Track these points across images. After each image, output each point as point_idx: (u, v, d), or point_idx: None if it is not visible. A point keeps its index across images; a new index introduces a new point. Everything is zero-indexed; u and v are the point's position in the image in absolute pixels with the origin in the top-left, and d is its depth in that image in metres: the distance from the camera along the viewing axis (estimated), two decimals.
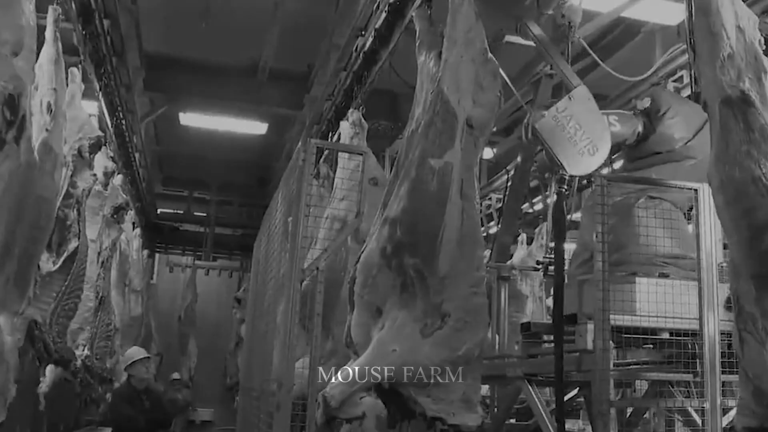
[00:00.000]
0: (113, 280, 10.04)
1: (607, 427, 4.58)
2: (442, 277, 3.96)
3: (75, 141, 6.50)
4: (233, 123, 14.52)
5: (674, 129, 5.85)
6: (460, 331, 3.96)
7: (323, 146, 4.71)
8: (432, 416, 3.89)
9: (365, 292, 4.13)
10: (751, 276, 3.80)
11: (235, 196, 19.72)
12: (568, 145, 4.65)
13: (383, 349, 3.92)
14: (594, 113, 4.86)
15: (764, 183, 3.77)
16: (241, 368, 9.89)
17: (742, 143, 3.87)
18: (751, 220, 3.79)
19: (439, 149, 4.16)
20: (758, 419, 3.81)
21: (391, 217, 4.09)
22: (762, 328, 3.74)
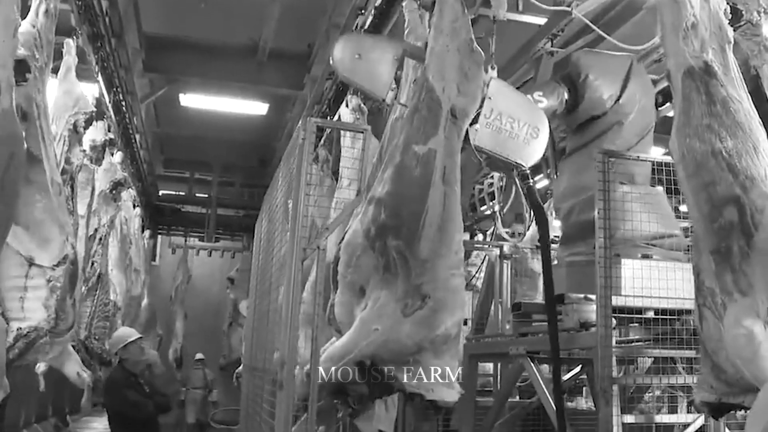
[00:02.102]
0: (114, 259, 9.91)
1: (609, 403, 4.59)
2: (423, 259, 4.07)
3: (70, 116, 6.30)
4: (234, 103, 14.48)
5: (601, 89, 5.92)
6: (438, 312, 4.06)
7: (323, 125, 4.70)
8: (411, 392, 4.03)
9: (349, 272, 4.23)
10: (710, 251, 3.79)
11: (236, 176, 19.69)
12: (512, 142, 4.66)
13: (366, 328, 4.03)
14: (518, 98, 4.85)
15: (724, 157, 3.74)
16: (245, 348, 9.88)
17: (703, 116, 3.85)
18: (710, 194, 3.77)
19: (424, 136, 4.25)
20: (716, 394, 3.83)
21: (375, 200, 4.17)
22: (720, 303, 3.73)
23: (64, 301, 4.74)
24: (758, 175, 3.69)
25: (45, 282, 4.62)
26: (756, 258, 3.61)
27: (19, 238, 4.54)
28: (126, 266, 10.82)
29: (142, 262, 13.80)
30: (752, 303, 3.60)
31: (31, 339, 4.51)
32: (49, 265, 4.66)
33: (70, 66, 6.69)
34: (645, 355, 5.33)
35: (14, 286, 4.52)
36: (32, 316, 4.54)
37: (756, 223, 3.62)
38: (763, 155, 3.75)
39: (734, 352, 3.61)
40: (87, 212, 8.41)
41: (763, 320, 3.56)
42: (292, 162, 4.87)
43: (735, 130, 3.77)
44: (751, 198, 3.65)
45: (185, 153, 18.60)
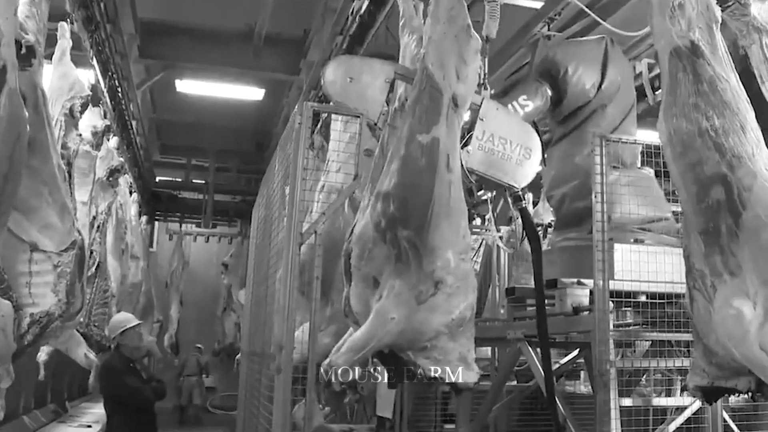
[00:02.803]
0: (109, 246, 9.88)
1: (607, 387, 4.60)
2: (433, 246, 4.10)
3: (66, 100, 6.17)
4: (230, 89, 14.46)
5: (583, 80, 5.95)
6: (452, 296, 4.12)
7: (320, 109, 4.69)
8: (432, 376, 4.08)
9: (362, 264, 4.25)
10: (698, 232, 3.77)
11: (233, 162, 19.69)
12: (504, 164, 4.67)
13: (383, 317, 4.06)
14: (509, 118, 4.86)
15: (711, 136, 3.71)
16: (243, 333, 9.90)
17: (690, 95, 3.82)
18: (697, 174, 3.75)
19: (426, 125, 4.26)
20: (709, 378, 3.82)
21: (383, 193, 4.20)
22: (710, 284, 3.71)
23: (73, 286, 4.75)
24: (745, 154, 3.66)
25: (52, 267, 4.62)
26: (744, 237, 3.59)
27: (20, 225, 4.52)
28: (121, 252, 10.77)
29: (141, 248, 13.76)
30: (741, 283, 3.58)
31: (43, 324, 4.52)
32: (56, 250, 4.65)
33: (65, 50, 6.59)
34: (642, 338, 5.33)
35: (19, 272, 4.50)
36: (41, 302, 4.53)
37: (743, 201, 3.60)
38: (750, 134, 3.72)
39: (724, 334, 3.61)
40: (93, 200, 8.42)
41: (752, 300, 3.54)
42: (288, 147, 4.86)
43: (722, 109, 3.74)
44: (738, 176, 3.62)
45: (182, 139, 18.58)
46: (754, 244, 3.57)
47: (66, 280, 4.65)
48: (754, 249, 3.57)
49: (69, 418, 10.51)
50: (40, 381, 9.44)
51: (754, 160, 3.66)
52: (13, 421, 8.23)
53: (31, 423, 8.78)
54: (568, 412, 5.12)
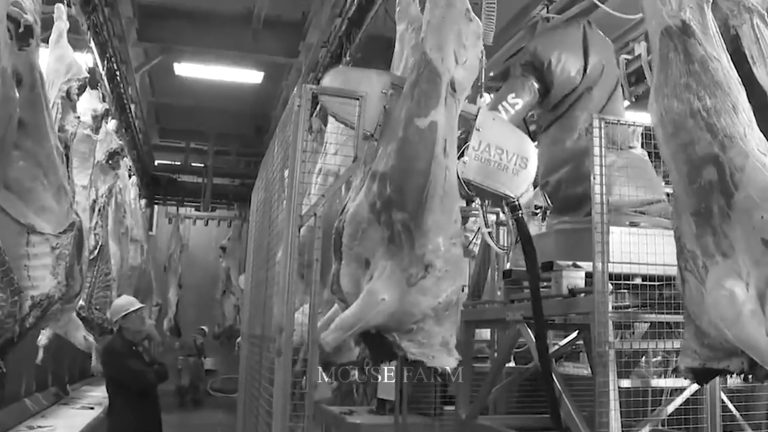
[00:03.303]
0: (110, 229, 9.88)
1: (606, 368, 4.62)
2: (426, 230, 4.13)
3: (63, 83, 6.14)
4: (229, 72, 14.44)
5: (568, 68, 5.96)
6: (441, 280, 4.15)
7: (319, 91, 4.67)
8: (413, 360, 4.15)
9: (354, 244, 4.27)
10: (690, 213, 3.76)
11: (232, 145, 19.68)
12: (500, 174, 4.67)
13: (373, 298, 4.10)
14: (505, 127, 4.85)
15: (703, 116, 3.69)
16: (243, 316, 9.92)
17: (681, 75, 3.80)
18: (688, 155, 3.73)
19: (425, 109, 4.27)
20: (700, 359, 3.81)
21: (380, 174, 4.21)
22: (702, 266, 3.70)
23: (72, 268, 4.74)
24: (737, 134, 3.64)
25: (50, 250, 4.60)
26: (736, 218, 3.57)
27: (16, 207, 4.49)
28: (121, 235, 10.77)
29: (140, 231, 13.75)
30: (733, 264, 3.57)
31: (44, 307, 4.51)
32: (53, 232, 4.62)
33: (62, 31, 6.55)
34: (641, 320, 5.35)
35: (17, 255, 4.46)
36: (40, 284, 4.51)
37: (735, 182, 3.58)
38: (742, 114, 3.70)
39: (716, 315, 3.60)
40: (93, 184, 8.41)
41: (744, 281, 3.54)
42: (288, 129, 4.86)
43: (713, 89, 3.72)
44: (730, 157, 3.60)
45: (181, 122, 18.56)
46: (746, 225, 3.55)
47: (65, 262, 4.64)
48: (747, 230, 3.55)
49: (71, 401, 10.55)
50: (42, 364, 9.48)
51: (746, 140, 3.64)
52: (15, 404, 8.27)
53: (32, 406, 8.82)
54: (567, 393, 5.13)
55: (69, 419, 8.88)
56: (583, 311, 5.12)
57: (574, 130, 5.96)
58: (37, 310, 4.49)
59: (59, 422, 8.52)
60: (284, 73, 14.40)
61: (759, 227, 3.53)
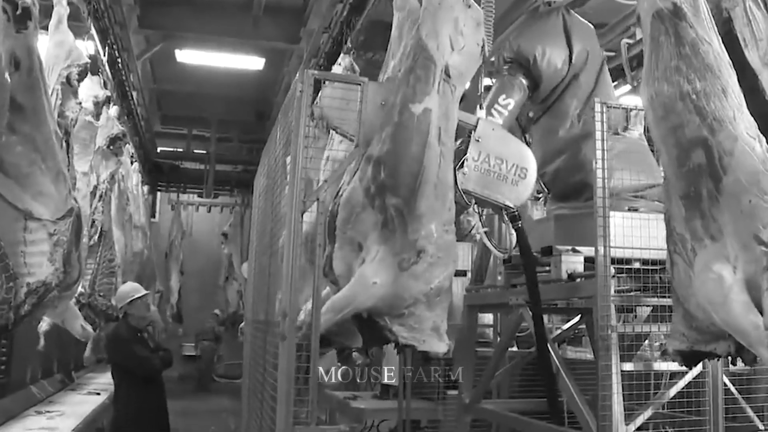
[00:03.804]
0: (113, 216, 9.86)
1: (609, 351, 4.63)
2: (419, 215, 4.16)
3: (63, 68, 6.02)
4: (230, 58, 14.43)
5: (554, 61, 5.95)
6: (433, 266, 4.18)
7: (320, 77, 4.67)
8: (404, 344, 4.20)
9: (348, 228, 4.32)
10: (680, 196, 3.77)
11: (234, 132, 19.68)
12: (500, 184, 4.67)
13: (365, 281, 4.14)
14: (504, 138, 4.84)
15: (692, 99, 3.69)
16: (246, 302, 9.95)
17: (671, 58, 3.80)
18: (678, 138, 3.74)
19: (419, 95, 4.28)
20: (688, 342, 3.84)
21: (374, 158, 4.24)
22: (691, 249, 3.72)
23: (70, 255, 4.67)
24: (726, 117, 3.64)
25: (47, 236, 4.52)
26: (725, 202, 3.59)
27: (13, 193, 4.43)
28: (125, 222, 10.76)
29: (143, 218, 13.73)
30: (722, 248, 3.59)
31: (41, 294, 4.43)
32: (51, 218, 4.55)
33: (61, 16, 6.47)
34: (643, 304, 5.36)
35: (13, 241, 4.39)
36: (36, 271, 4.43)
37: (724, 166, 3.58)
38: (732, 97, 3.70)
39: (704, 298, 3.62)
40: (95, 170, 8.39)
41: (732, 265, 3.56)
42: (290, 115, 4.86)
43: (704, 72, 3.72)
44: (719, 140, 3.61)
45: (183, 109, 18.56)
46: (735, 209, 3.57)
47: (63, 248, 4.57)
48: (735, 213, 3.56)
49: (77, 387, 10.61)
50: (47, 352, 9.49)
51: (735, 123, 3.64)
52: (21, 391, 8.31)
53: (38, 392, 8.87)
54: (569, 377, 5.15)
55: (76, 404, 8.94)
56: (585, 295, 5.13)
57: (566, 119, 5.98)
58: (33, 297, 4.42)
59: (67, 407, 8.57)
60: (285, 60, 14.38)
61: (747, 211, 3.54)
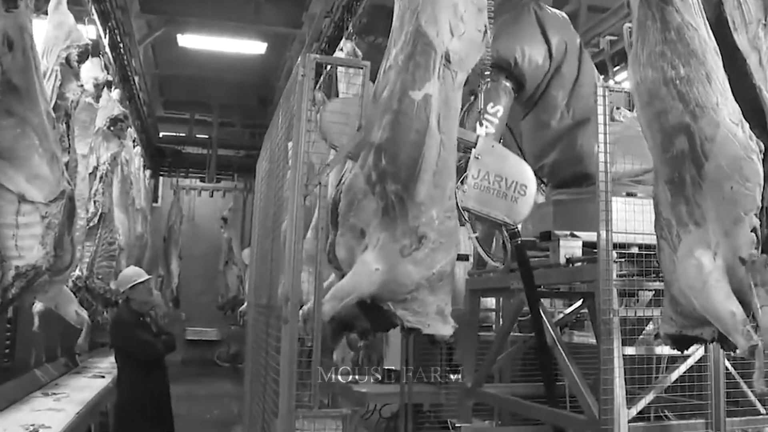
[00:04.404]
0: (116, 199, 9.77)
1: (611, 335, 4.64)
2: (420, 202, 4.17)
3: (62, 50, 5.98)
4: (232, 43, 14.40)
5: (534, 59, 5.97)
6: (435, 251, 4.19)
7: (322, 61, 4.67)
8: (409, 327, 4.22)
9: (350, 215, 4.31)
10: (665, 181, 3.78)
11: (236, 117, 19.68)
12: (500, 201, 4.66)
13: (367, 268, 4.16)
14: (504, 155, 4.83)
15: (676, 85, 3.69)
16: (249, 286, 9.96)
17: (657, 43, 3.79)
18: (662, 124, 3.74)
19: (419, 81, 4.27)
20: (676, 326, 3.86)
21: (375, 146, 4.24)
22: (676, 234, 3.74)
23: (61, 238, 4.60)
24: (709, 104, 3.64)
25: (39, 219, 4.47)
26: (707, 188, 3.60)
27: (7, 175, 4.40)
28: (128, 206, 10.71)
29: (144, 202, 13.69)
30: (705, 234, 3.61)
31: (29, 278, 4.39)
32: (44, 201, 4.50)
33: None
34: (645, 288, 5.37)
35: (5, 223, 4.37)
36: (27, 255, 4.40)
37: (706, 152, 3.60)
38: (716, 84, 3.69)
39: (685, 284, 3.65)
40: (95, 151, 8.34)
41: (713, 251, 3.58)
42: (292, 100, 4.86)
43: (688, 58, 3.71)
44: (701, 126, 3.61)
45: (185, 94, 18.55)
46: (717, 195, 3.58)
47: (54, 231, 4.51)
48: (717, 200, 3.58)
49: (82, 370, 10.65)
50: (50, 336, 9.52)
51: (718, 110, 3.64)
52: (25, 375, 8.34)
53: (43, 376, 8.89)
54: (571, 361, 5.17)
55: (82, 386, 8.96)
56: (587, 279, 5.14)
57: (555, 111, 6.02)
58: (22, 280, 4.38)
59: (72, 390, 8.61)
60: (287, 44, 14.35)
61: (729, 198, 3.56)
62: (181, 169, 19.32)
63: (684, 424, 5.11)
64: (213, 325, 20.21)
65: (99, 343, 12.13)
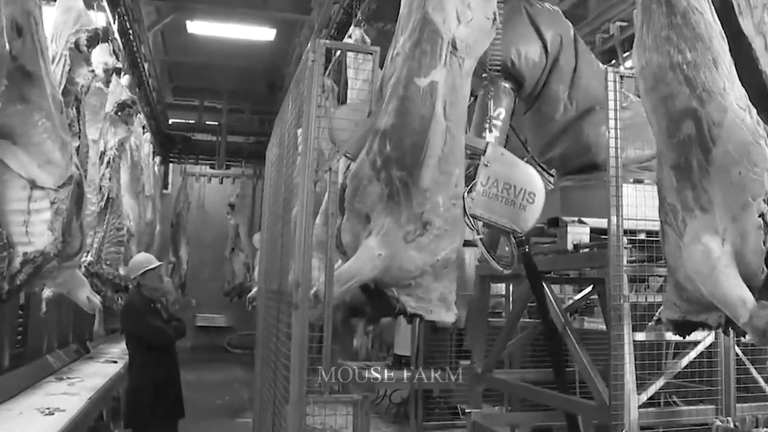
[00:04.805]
0: (125, 185, 9.78)
1: (621, 321, 4.64)
2: (425, 189, 4.19)
3: (71, 34, 5.95)
4: (241, 30, 14.39)
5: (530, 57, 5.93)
6: (439, 238, 4.22)
7: (332, 46, 4.66)
8: (412, 313, 4.26)
9: (355, 200, 4.34)
10: (671, 166, 3.74)
11: (246, 103, 19.67)
12: (508, 209, 4.62)
13: (370, 253, 4.18)
14: (513, 163, 4.82)
15: (682, 69, 3.65)
16: (259, 272, 9.97)
17: (662, 27, 3.74)
18: (668, 108, 3.70)
19: (426, 69, 4.26)
20: (680, 312, 3.85)
21: (380, 132, 4.24)
22: (681, 219, 3.71)
23: (70, 224, 4.57)
24: (717, 88, 3.60)
25: (49, 204, 4.44)
26: (715, 173, 3.57)
27: (19, 160, 4.37)
28: (138, 192, 10.69)
29: (154, 188, 13.66)
30: (711, 219, 3.58)
31: (38, 264, 4.36)
32: (53, 186, 4.47)
33: None
34: (655, 274, 5.36)
35: (17, 209, 4.35)
36: (37, 241, 4.37)
37: (714, 137, 3.56)
38: (722, 68, 3.65)
39: (692, 269, 3.62)
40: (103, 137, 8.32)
41: (721, 237, 3.55)
42: (302, 85, 4.85)
43: (694, 42, 3.67)
44: (708, 111, 3.58)
45: (194, 81, 18.56)
46: (725, 181, 3.55)
47: (62, 217, 4.49)
48: (725, 185, 3.55)
49: (95, 355, 10.72)
50: (62, 322, 9.56)
51: (725, 94, 3.60)
52: (37, 360, 8.40)
53: (55, 362, 8.95)
54: (581, 347, 5.17)
55: (95, 371, 9.06)
56: (598, 265, 5.14)
57: (558, 103, 6.02)
58: (30, 266, 4.35)
59: (86, 374, 8.71)
60: (297, 30, 14.33)
61: (737, 183, 3.53)
62: (190, 155, 19.32)
63: (694, 409, 5.11)
64: (223, 312, 20.27)
65: (110, 329, 12.17)
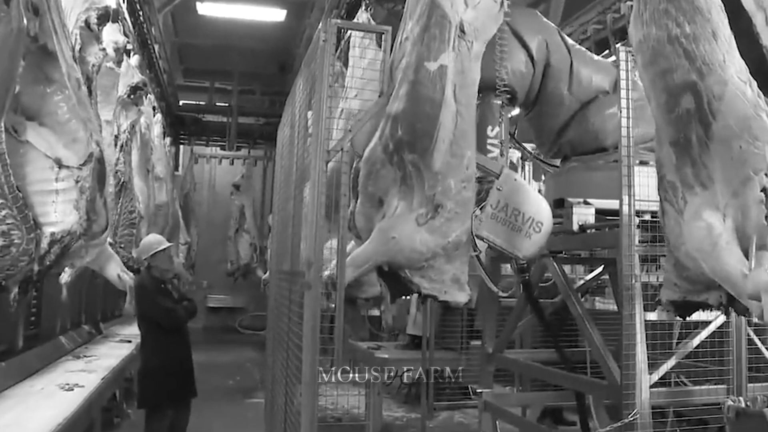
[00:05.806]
0: (135, 166, 9.78)
1: (632, 301, 4.63)
2: (436, 172, 4.23)
3: (81, 12, 5.90)
4: (251, 10, 14.36)
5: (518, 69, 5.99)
6: (450, 221, 4.29)
7: (344, 26, 4.65)
8: (426, 294, 4.35)
9: (369, 184, 4.42)
10: (670, 143, 3.68)
11: (256, 85, 19.64)
12: (514, 235, 4.63)
13: (384, 236, 4.25)
14: (524, 190, 4.81)
15: (681, 42, 3.56)
16: (271, 253, 9.98)
17: (661, 1, 3.65)
18: (667, 82, 3.62)
19: (435, 53, 4.29)
20: (680, 292, 3.81)
21: (392, 116, 4.28)
22: (681, 196, 3.65)
23: (93, 201, 4.61)
24: (716, 61, 3.51)
25: (74, 183, 4.44)
26: (715, 148, 3.49)
27: (46, 141, 4.38)
28: (147, 173, 10.68)
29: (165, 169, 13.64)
30: (712, 196, 3.53)
31: (65, 244, 4.37)
32: (76, 165, 4.47)
33: None
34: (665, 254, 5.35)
35: (45, 190, 4.34)
36: (64, 220, 4.36)
37: (714, 111, 3.47)
38: (722, 40, 3.57)
39: (693, 246, 3.56)
40: (115, 119, 8.30)
41: (722, 213, 3.49)
42: (313, 65, 4.84)
43: (693, 15, 3.57)
44: (708, 84, 3.49)
45: (204, 62, 18.54)
46: (725, 155, 3.47)
47: (86, 195, 4.50)
48: (725, 160, 3.47)
49: (108, 335, 10.80)
50: (75, 303, 9.62)
51: (725, 67, 3.51)
52: (50, 342, 8.45)
53: (68, 343, 9.01)
54: (593, 327, 5.17)
55: (110, 350, 9.20)
56: (609, 245, 5.12)
57: (559, 100, 6.12)
58: (58, 246, 4.36)
59: (102, 354, 8.85)
60: (307, 11, 14.29)
61: (737, 157, 3.44)
62: (201, 137, 19.33)
63: (706, 389, 5.11)
64: (234, 292, 20.32)
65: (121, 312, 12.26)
